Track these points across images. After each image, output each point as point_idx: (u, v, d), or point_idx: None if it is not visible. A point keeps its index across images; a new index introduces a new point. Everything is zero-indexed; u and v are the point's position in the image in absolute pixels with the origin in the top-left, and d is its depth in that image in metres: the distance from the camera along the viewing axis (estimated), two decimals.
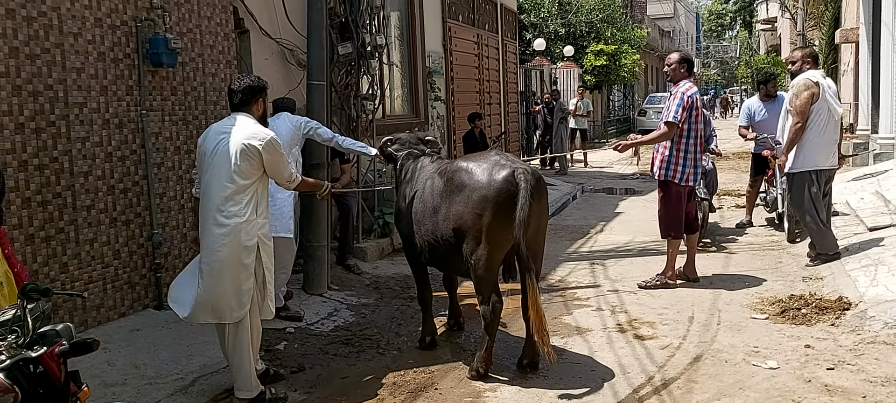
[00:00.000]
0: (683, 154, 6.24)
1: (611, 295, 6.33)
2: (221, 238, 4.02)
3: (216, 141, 4.11)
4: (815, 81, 6.51)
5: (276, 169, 4.17)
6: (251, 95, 4.26)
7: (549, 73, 21.83)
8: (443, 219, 4.51)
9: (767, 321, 5.42)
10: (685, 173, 6.27)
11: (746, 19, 51.89)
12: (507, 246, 4.39)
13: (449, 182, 4.53)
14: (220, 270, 4.03)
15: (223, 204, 4.02)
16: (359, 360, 4.96)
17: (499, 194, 4.27)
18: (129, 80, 5.38)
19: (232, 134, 4.07)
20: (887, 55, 11.95)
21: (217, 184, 4.05)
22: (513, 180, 4.28)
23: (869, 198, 9.03)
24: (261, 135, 4.09)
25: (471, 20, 12.87)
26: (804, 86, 6.51)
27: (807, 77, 6.56)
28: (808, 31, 21.89)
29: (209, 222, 4.08)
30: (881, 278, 5.82)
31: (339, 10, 7.41)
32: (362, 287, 6.68)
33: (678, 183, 6.28)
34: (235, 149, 4.02)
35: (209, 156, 4.10)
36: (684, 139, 6.24)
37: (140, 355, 4.77)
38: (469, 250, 4.38)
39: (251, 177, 4.07)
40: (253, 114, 4.24)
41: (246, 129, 4.10)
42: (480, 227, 4.31)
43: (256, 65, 6.88)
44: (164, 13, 5.53)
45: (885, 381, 4.22)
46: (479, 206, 4.31)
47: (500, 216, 4.26)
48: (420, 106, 10.60)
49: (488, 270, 4.40)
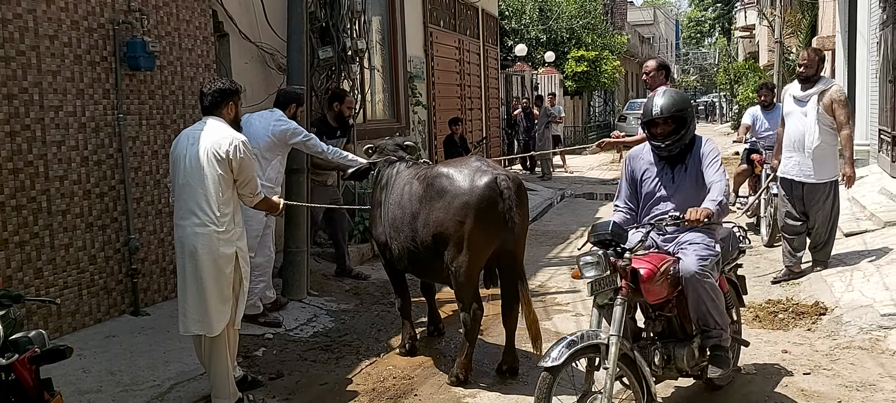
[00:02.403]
0: None
1: (590, 300, 6.32)
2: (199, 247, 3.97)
3: (187, 147, 4.05)
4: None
5: (244, 176, 4.07)
6: (222, 98, 4.18)
7: (530, 79, 21.92)
8: (422, 226, 4.48)
9: (744, 326, 5.45)
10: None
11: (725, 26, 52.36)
12: (488, 252, 4.40)
13: (429, 188, 4.49)
14: (203, 280, 3.98)
15: (199, 212, 3.97)
16: (338, 366, 4.93)
17: (481, 201, 4.26)
18: (105, 84, 5.33)
19: (201, 139, 4.02)
20: (863, 63, 12.11)
21: (190, 191, 4.00)
22: (495, 186, 4.27)
23: (845, 204, 9.13)
24: (230, 139, 4.02)
25: (452, 25, 12.90)
26: (846, 99, 6.37)
27: (842, 88, 6.35)
28: (786, 39, 22.13)
29: (186, 230, 4.02)
30: (856, 283, 5.89)
31: (319, 14, 7.39)
32: (342, 292, 6.65)
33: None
34: (207, 157, 3.98)
35: (182, 162, 4.04)
36: None
37: (116, 361, 4.71)
38: (450, 257, 4.36)
39: (229, 185, 4.03)
40: (224, 117, 4.17)
41: (215, 134, 4.03)
42: (462, 234, 4.28)
43: (236, 68, 6.84)
44: (141, 16, 5.48)
45: (860, 386, 4.26)
46: (460, 213, 4.28)
47: (482, 223, 4.25)
48: (401, 110, 10.60)
49: (469, 277, 4.38)
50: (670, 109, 3.92)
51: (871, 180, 10.13)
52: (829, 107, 6.21)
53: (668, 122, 3.93)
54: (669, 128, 3.93)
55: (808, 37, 18.42)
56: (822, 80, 6.33)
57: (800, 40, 20.24)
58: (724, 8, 51.30)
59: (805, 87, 6.34)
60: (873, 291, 5.59)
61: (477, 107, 14.22)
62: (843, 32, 13.96)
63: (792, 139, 6.44)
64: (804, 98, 6.33)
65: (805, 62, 6.38)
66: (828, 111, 6.23)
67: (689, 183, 4.01)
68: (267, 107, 7.08)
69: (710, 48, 63.79)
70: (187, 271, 4.02)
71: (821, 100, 6.23)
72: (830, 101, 6.21)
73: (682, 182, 4.02)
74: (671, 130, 3.94)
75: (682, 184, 4.01)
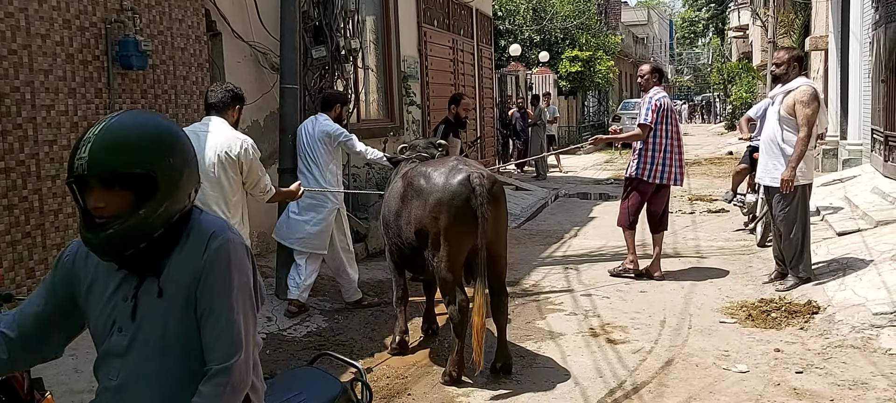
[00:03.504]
0: (651, 153, 6.83)
1: (584, 299, 6.36)
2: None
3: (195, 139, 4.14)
4: (816, 89, 6.10)
5: (252, 178, 4.35)
6: (231, 101, 4.52)
7: (524, 79, 21.94)
8: (405, 223, 4.60)
9: (737, 325, 5.48)
10: (652, 171, 6.85)
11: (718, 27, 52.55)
12: (468, 246, 4.45)
13: (409, 186, 4.62)
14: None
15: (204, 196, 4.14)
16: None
17: (454, 197, 4.37)
18: (98, 83, 5.31)
19: (209, 140, 4.21)
20: (855, 63, 12.16)
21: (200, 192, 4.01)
22: (468, 184, 4.36)
23: (838, 203, 9.17)
24: (240, 142, 4.33)
25: (446, 25, 12.90)
26: (813, 97, 6.01)
27: (813, 86, 6.13)
28: (779, 39, 22.19)
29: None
30: (849, 282, 5.91)
31: (312, 13, 7.37)
32: (335, 292, 6.63)
33: (645, 180, 6.85)
34: (217, 159, 4.24)
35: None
36: (652, 140, 6.84)
37: None
38: (430, 253, 4.45)
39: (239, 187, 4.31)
40: (228, 119, 4.45)
41: (223, 135, 4.27)
42: (438, 230, 4.39)
43: (229, 68, 6.83)
44: (134, 15, 5.47)
45: (853, 385, 4.28)
46: (435, 209, 4.39)
47: (457, 219, 4.35)
48: (395, 110, 10.60)
49: (450, 271, 4.43)
50: (103, 164, 1.86)
51: (864, 179, 10.18)
52: (791, 108, 6.04)
53: (105, 186, 1.88)
54: (110, 198, 1.89)
55: (802, 37, 18.47)
56: (795, 80, 6.15)
57: (793, 40, 20.30)
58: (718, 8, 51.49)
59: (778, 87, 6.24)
60: (865, 290, 5.61)
61: (471, 107, 14.22)
62: (836, 32, 14.03)
63: (763, 141, 6.37)
64: (775, 98, 6.25)
65: (776, 61, 6.33)
66: (790, 111, 6.06)
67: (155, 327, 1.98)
68: (260, 107, 7.12)
69: (704, 48, 64.00)
70: None
71: (784, 100, 6.12)
72: (793, 102, 6.03)
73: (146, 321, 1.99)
74: (111, 203, 1.89)
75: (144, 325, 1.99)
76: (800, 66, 6.25)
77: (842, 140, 13.27)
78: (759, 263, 7.26)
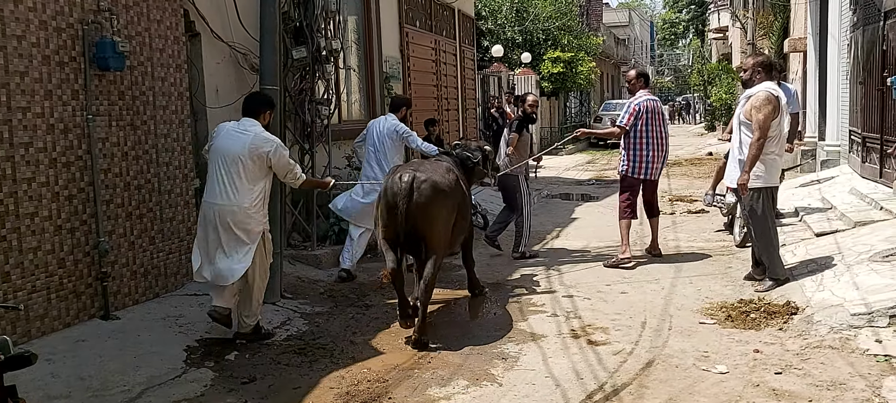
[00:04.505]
0: (634, 152, 7.58)
1: (565, 300, 6.37)
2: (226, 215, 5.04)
3: (230, 137, 5.11)
4: (776, 95, 6.16)
5: (283, 170, 5.22)
6: (265, 107, 5.37)
7: (506, 80, 21.95)
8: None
9: (717, 325, 5.51)
10: (636, 168, 7.61)
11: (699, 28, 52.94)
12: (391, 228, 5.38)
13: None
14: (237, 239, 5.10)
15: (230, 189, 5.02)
16: (312, 370, 4.89)
17: (385, 191, 5.44)
18: (74, 84, 5.24)
19: (245, 135, 5.09)
20: (834, 64, 12.28)
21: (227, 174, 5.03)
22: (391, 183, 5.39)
23: (816, 204, 9.26)
24: (267, 140, 5.14)
25: (428, 26, 12.88)
26: (766, 100, 6.09)
27: (768, 90, 6.19)
28: (758, 41, 22.39)
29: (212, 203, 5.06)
30: (827, 283, 5.96)
31: (293, 13, 7.34)
32: (316, 295, 6.61)
33: (631, 176, 7.63)
34: (247, 152, 5.04)
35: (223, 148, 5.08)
36: (633, 140, 7.57)
37: (85, 366, 4.64)
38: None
39: (259, 176, 5.11)
40: (261, 121, 5.25)
41: (258, 133, 5.12)
42: (376, 214, 5.61)
43: (208, 69, 6.78)
44: (111, 16, 5.41)
45: (831, 385, 4.31)
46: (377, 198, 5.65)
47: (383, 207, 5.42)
48: (377, 111, 10.55)
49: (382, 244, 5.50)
50: None
51: (842, 180, 10.28)
52: (749, 113, 6.15)
53: None
54: None
55: (781, 38, 18.63)
56: (756, 86, 6.22)
57: (772, 42, 20.47)
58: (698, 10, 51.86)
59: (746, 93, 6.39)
60: (843, 291, 5.66)
61: (454, 108, 14.21)
62: (815, 34, 14.16)
63: (732, 145, 6.57)
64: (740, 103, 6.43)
65: (743, 68, 6.58)
66: (748, 116, 6.17)
67: None
68: (239, 108, 7.05)
69: (685, 50, 64.42)
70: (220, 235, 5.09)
71: (744, 105, 6.23)
72: (750, 107, 6.14)
73: None
74: None
75: None
76: (765, 71, 6.30)
77: (820, 141, 13.40)
78: (739, 264, 7.31)
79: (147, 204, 5.87)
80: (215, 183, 5.07)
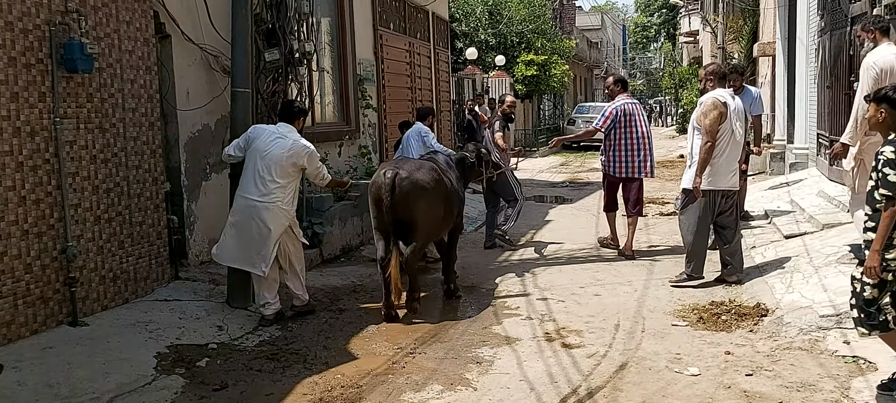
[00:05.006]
0: (614, 153, 8.11)
1: (540, 303, 6.38)
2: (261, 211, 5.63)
3: (270, 140, 5.72)
4: (722, 101, 6.39)
5: (314, 172, 5.95)
6: (300, 114, 6.09)
7: (481, 82, 21.99)
8: None
9: (689, 328, 5.56)
10: (616, 167, 8.13)
11: (670, 32, 53.53)
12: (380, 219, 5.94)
13: None
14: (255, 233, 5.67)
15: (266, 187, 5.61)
16: (284, 376, 4.84)
17: (370, 185, 6.07)
18: (41, 87, 5.14)
19: (285, 140, 5.73)
20: (802, 69, 12.48)
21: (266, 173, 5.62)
22: (376, 178, 5.96)
23: (785, 206, 9.39)
24: (305, 147, 5.81)
25: (402, 28, 12.85)
26: (712, 106, 6.38)
27: (715, 96, 6.44)
28: (728, 45, 22.69)
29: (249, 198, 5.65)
30: (796, 285, 6.05)
31: (265, 15, 7.26)
32: (289, 300, 6.54)
33: (611, 174, 8.20)
34: (287, 153, 5.68)
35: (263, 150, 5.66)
36: (613, 142, 8.09)
37: (53, 374, 4.55)
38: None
39: (292, 176, 5.76)
40: (296, 127, 5.92)
41: (296, 140, 5.79)
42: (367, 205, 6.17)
43: (179, 71, 6.70)
44: (79, 17, 5.31)
45: (801, 386, 4.37)
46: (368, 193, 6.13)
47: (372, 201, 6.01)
48: (351, 113, 10.52)
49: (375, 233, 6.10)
50: None
51: (810, 183, 10.44)
52: (698, 118, 6.50)
53: None
54: None
55: (750, 42, 18.90)
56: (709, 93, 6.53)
57: (742, 46, 20.77)
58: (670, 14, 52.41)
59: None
60: (812, 293, 5.75)
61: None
62: (784, 39, 14.38)
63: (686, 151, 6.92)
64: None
65: (700, 78, 7.04)
66: (698, 121, 6.51)
67: None
68: (210, 111, 7.04)
69: (656, 53, 65.08)
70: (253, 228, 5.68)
71: (696, 111, 6.61)
72: (699, 113, 6.50)
73: None
74: None
75: None
76: (717, 80, 6.61)
77: (789, 144, 13.60)
78: (710, 266, 7.36)
79: (116, 208, 5.78)
80: (254, 181, 5.66)
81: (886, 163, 3.80)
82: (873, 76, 5.69)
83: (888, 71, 5.67)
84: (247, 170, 5.74)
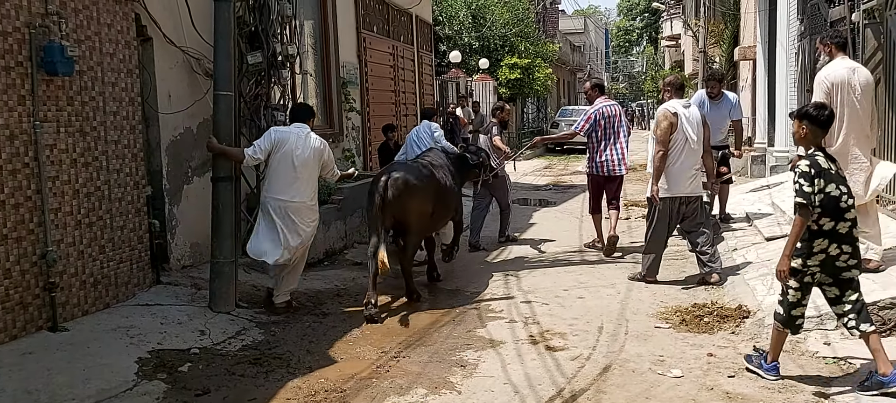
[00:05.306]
0: (595, 154, 8.43)
1: (523, 306, 6.39)
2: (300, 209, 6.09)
3: (301, 140, 6.09)
4: (673, 112, 6.71)
5: (330, 167, 6.36)
6: (312, 115, 6.58)
7: (465, 85, 22.01)
8: None
9: (672, 330, 5.59)
10: (598, 167, 8.43)
11: (652, 36, 53.91)
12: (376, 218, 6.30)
13: None
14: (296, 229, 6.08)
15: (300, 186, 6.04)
16: (267, 380, 4.82)
17: (371, 186, 6.43)
18: (21, 90, 5.08)
19: (311, 138, 6.17)
20: (782, 72, 12.60)
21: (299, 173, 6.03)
22: (377, 181, 6.36)
23: (766, 209, 9.46)
24: (325, 147, 6.27)
25: (386, 31, 12.85)
26: (663, 116, 6.76)
27: (666, 107, 6.85)
28: (709, 49, 22.86)
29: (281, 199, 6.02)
30: (777, 287, 6.05)
31: (248, 18, 7.24)
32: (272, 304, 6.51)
33: (594, 174, 8.50)
34: (315, 151, 6.13)
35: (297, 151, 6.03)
36: (594, 144, 8.41)
37: (33, 380, 4.49)
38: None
39: (317, 174, 6.25)
40: (310, 126, 6.31)
41: (316, 138, 6.23)
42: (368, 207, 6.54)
43: (160, 73, 6.65)
44: (60, 19, 5.26)
45: (782, 388, 4.40)
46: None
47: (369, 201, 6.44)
48: (334, 116, 10.50)
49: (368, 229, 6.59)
50: None
51: (790, 186, 10.50)
52: (654, 128, 7.01)
53: None
54: None
55: (731, 47, 19.06)
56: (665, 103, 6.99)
57: (723, 50, 20.94)
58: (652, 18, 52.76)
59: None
60: None
61: (412, 113, 14.20)
62: (764, 43, 14.51)
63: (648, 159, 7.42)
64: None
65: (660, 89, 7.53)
66: (654, 131, 7.01)
67: None
68: (192, 114, 6.99)
69: (638, 56, 65.48)
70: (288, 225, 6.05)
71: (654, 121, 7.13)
72: (654, 123, 7.05)
73: None
74: None
75: None
76: (674, 91, 7.03)
77: (769, 147, 13.71)
78: (692, 268, 7.42)
79: (97, 212, 5.73)
80: (288, 182, 6.03)
81: (802, 174, 4.28)
82: (824, 90, 5.83)
83: (840, 85, 5.80)
84: (278, 173, 6.04)
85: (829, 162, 4.33)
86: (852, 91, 5.76)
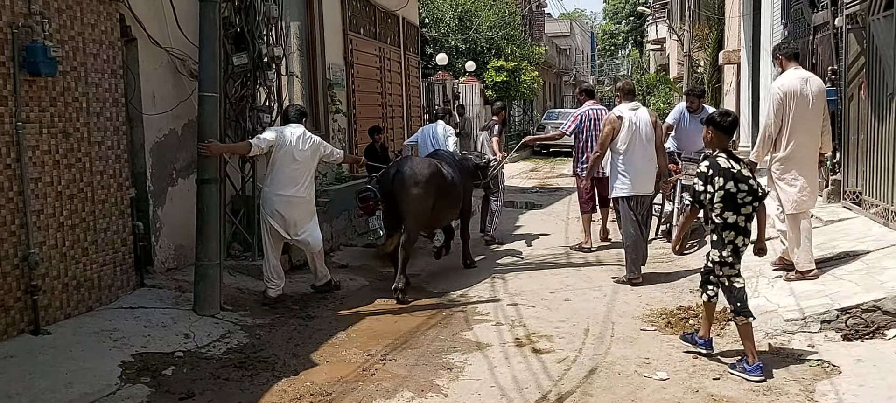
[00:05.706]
0: (583, 155, 8.74)
1: (510, 308, 6.39)
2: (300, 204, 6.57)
3: (301, 140, 6.48)
4: (617, 116, 7.18)
5: (329, 152, 6.83)
6: (303, 116, 6.81)
7: (451, 88, 22.02)
8: None
9: (657, 332, 5.61)
10: (583, 168, 8.54)
11: (638, 39, 54.19)
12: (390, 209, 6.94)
13: None
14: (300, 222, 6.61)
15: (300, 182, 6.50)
16: (253, 384, 4.78)
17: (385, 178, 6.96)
18: (3, 90, 5.01)
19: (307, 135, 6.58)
20: (766, 76, 12.69)
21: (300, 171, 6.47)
22: (388, 173, 6.96)
23: None
24: (321, 142, 6.74)
25: (372, 33, 12.82)
26: (607, 121, 7.34)
27: (612, 112, 7.33)
28: (694, 53, 23.00)
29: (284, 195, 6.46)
30: (762, 289, 6.13)
31: (233, 19, 7.21)
32: (257, 306, 6.47)
33: (580, 175, 8.71)
34: (312, 148, 6.55)
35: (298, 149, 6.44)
36: (582, 145, 8.77)
37: (14, 384, 4.43)
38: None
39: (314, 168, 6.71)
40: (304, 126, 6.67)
41: (314, 137, 6.67)
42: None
43: (145, 74, 6.60)
44: (43, 20, 5.20)
45: (767, 390, 4.43)
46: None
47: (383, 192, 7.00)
48: (321, 118, 10.46)
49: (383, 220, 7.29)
50: None
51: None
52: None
53: None
54: None
55: (715, 50, 19.16)
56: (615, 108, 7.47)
57: (707, 54, 21.06)
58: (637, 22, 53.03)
59: None
60: (777, 297, 5.83)
61: (398, 116, 14.18)
62: (748, 47, 14.61)
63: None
64: None
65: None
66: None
67: None
68: (177, 115, 6.95)
69: (624, 60, 65.80)
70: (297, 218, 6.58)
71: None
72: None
73: None
74: None
75: None
76: (624, 95, 7.50)
77: (753, 150, 13.77)
78: (678, 270, 7.46)
79: (80, 214, 5.67)
80: (290, 179, 6.45)
81: (698, 175, 4.71)
82: (778, 99, 6.05)
83: (793, 94, 6.01)
84: (281, 170, 6.45)
85: (730, 161, 4.66)
86: (804, 100, 5.99)
